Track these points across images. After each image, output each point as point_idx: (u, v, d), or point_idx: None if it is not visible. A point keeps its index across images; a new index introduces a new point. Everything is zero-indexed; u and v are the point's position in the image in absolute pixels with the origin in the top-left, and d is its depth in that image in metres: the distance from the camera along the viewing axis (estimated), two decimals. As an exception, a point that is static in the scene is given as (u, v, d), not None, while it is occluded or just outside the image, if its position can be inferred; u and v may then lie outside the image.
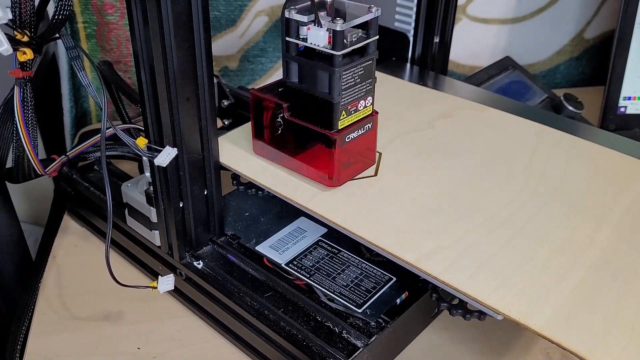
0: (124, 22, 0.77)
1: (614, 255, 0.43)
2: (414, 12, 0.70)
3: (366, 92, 0.48)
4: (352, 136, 0.48)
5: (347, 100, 0.46)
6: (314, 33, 0.44)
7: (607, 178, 0.51)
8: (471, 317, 0.44)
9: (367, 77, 0.47)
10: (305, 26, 0.45)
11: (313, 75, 0.46)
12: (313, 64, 0.46)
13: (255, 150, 0.53)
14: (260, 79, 0.87)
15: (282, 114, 0.49)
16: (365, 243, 0.45)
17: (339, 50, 0.44)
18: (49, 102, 0.79)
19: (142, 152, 0.45)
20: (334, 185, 0.49)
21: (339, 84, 0.45)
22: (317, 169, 0.49)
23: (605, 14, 0.93)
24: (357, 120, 0.48)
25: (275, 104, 0.49)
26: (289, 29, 0.46)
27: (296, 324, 0.45)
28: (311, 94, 0.47)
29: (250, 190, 0.58)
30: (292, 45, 0.46)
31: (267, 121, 0.50)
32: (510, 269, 0.41)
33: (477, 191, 0.49)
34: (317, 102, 0.46)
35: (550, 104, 0.78)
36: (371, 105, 0.49)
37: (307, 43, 0.45)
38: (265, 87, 0.51)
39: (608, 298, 0.39)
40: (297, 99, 0.48)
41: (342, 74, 0.45)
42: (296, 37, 0.46)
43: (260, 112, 0.50)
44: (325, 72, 0.45)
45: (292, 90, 0.48)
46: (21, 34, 0.45)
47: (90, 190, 0.60)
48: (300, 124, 0.48)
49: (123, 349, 0.50)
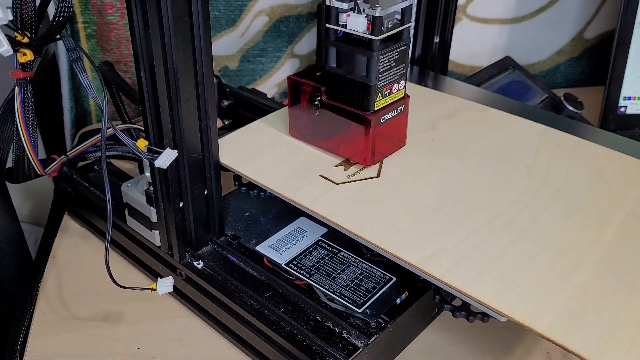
0: (124, 22, 0.77)
1: (618, 256, 0.43)
2: (413, 12, 0.70)
3: (400, 76, 0.51)
4: (387, 117, 0.51)
5: (383, 83, 0.49)
6: (353, 19, 0.47)
7: (611, 179, 0.51)
8: (474, 319, 0.44)
9: (401, 61, 0.50)
10: (344, 13, 0.48)
11: (351, 59, 0.49)
12: (352, 49, 0.49)
13: (291, 133, 0.56)
14: (260, 79, 0.87)
15: (320, 97, 0.51)
16: (368, 245, 0.45)
17: (377, 35, 0.47)
18: (49, 102, 0.79)
19: (143, 154, 0.45)
20: (370, 163, 0.51)
21: (376, 67, 0.48)
22: (354, 148, 0.51)
23: (605, 14, 0.92)
24: (391, 103, 0.51)
25: (313, 87, 0.52)
26: (329, 16, 0.48)
27: (296, 324, 0.45)
28: (349, 77, 0.49)
29: (252, 191, 0.58)
30: (331, 31, 0.49)
31: (306, 104, 0.53)
32: (514, 270, 0.41)
33: (480, 192, 0.49)
34: (354, 85, 0.49)
35: (550, 104, 0.78)
36: (404, 88, 0.52)
37: (346, 29, 0.48)
38: (302, 72, 0.54)
39: (612, 299, 0.39)
40: (335, 82, 0.51)
41: (379, 58, 0.48)
42: (336, 23, 0.49)
43: (298, 95, 0.53)
44: (364, 56, 0.48)
45: (330, 74, 0.51)
46: (22, 35, 0.45)
47: (90, 190, 0.60)
48: (338, 105, 0.51)
49: (123, 349, 0.50)
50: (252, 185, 0.56)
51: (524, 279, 0.41)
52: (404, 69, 0.51)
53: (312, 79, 0.52)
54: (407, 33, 0.50)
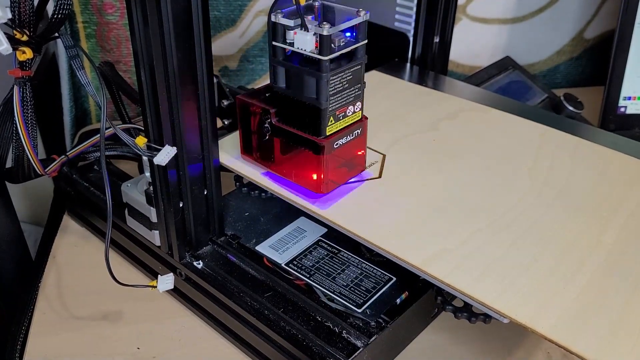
0: (124, 22, 0.77)
1: (620, 257, 0.43)
2: (414, 12, 0.70)
3: (355, 97, 0.47)
4: (341, 142, 0.47)
5: (335, 106, 0.45)
6: (300, 37, 0.43)
7: (613, 180, 0.51)
8: (477, 320, 0.44)
9: (355, 82, 0.46)
10: (292, 30, 0.44)
11: (300, 80, 0.45)
12: (300, 69, 0.45)
13: (242, 156, 0.52)
14: (260, 78, 0.87)
15: (270, 120, 0.48)
16: (370, 246, 0.45)
17: (326, 55, 0.43)
18: (48, 102, 0.79)
19: (142, 151, 0.45)
20: (322, 192, 0.48)
21: (326, 89, 0.44)
22: (305, 176, 0.48)
23: (605, 14, 0.93)
24: (346, 126, 0.47)
25: (262, 110, 0.48)
26: (275, 33, 0.45)
27: (296, 324, 0.45)
28: (298, 99, 0.46)
29: (253, 192, 0.58)
30: (279, 49, 0.45)
31: (255, 126, 0.49)
32: (516, 271, 0.41)
33: (482, 193, 0.49)
34: (304, 108, 0.45)
35: (550, 104, 0.78)
36: (360, 110, 0.48)
37: (294, 48, 0.44)
38: (252, 92, 0.50)
39: (615, 301, 0.39)
40: (285, 105, 0.47)
41: (329, 79, 0.44)
42: (283, 41, 0.45)
43: (247, 117, 0.50)
44: (313, 77, 0.44)
45: (279, 96, 0.47)
46: (20, 33, 0.45)
47: (90, 190, 0.60)
48: (288, 129, 0.47)
49: (123, 349, 0.50)
50: (253, 185, 0.56)
51: (526, 280, 0.40)
52: (359, 90, 0.47)
53: (262, 100, 0.49)
54: (362, 51, 0.45)
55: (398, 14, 0.72)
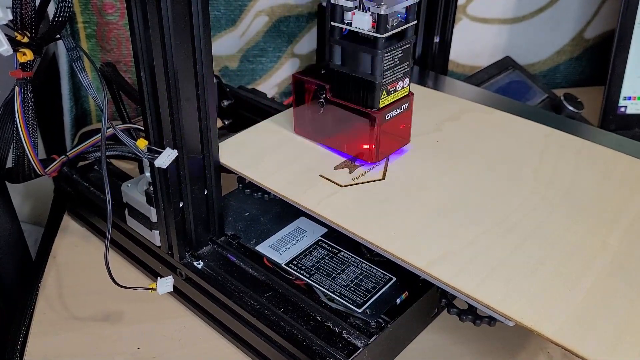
0: (124, 22, 0.77)
1: (626, 260, 0.42)
2: (414, 12, 0.70)
3: (404, 73, 0.51)
4: (391, 114, 0.51)
5: (387, 81, 0.49)
6: (359, 17, 0.47)
7: (617, 182, 0.51)
8: (481, 322, 0.44)
9: (405, 59, 0.50)
10: (350, 11, 0.48)
11: (356, 57, 0.49)
12: (357, 47, 0.48)
13: (296, 131, 0.56)
14: (260, 78, 0.87)
15: (325, 95, 0.51)
16: (375, 248, 0.44)
17: (382, 33, 0.47)
18: (49, 102, 0.79)
19: (143, 153, 0.45)
20: (375, 161, 0.51)
21: (381, 65, 0.48)
22: (358, 146, 0.51)
23: (605, 14, 0.92)
24: (396, 100, 0.51)
25: (317, 86, 0.52)
26: (334, 14, 0.49)
27: (296, 324, 0.45)
28: (354, 75, 0.49)
29: (256, 193, 0.58)
30: (336, 29, 0.49)
31: (309, 102, 0.53)
32: (521, 274, 0.41)
33: (486, 195, 0.49)
34: (359, 83, 0.49)
35: (550, 104, 0.78)
36: (408, 86, 0.52)
37: (352, 27, 0.48)
38: (306, 70, 0.54)
39: (621, 304, 0.39)
40: (340, 80, 0.51)
41: (384, 56, 0.48)
42: (341, 21, 0.49)
43: (302, 93, 0.53)
44: (369, 54, 0.48)
45: (334, 72, 0.51)
46: (21, 35, 0.45)
47: (90, 190, 0.60)
48: (343, 103, 0.51)
49: (123, 349, 0.50)
50: (256, 187, 0.56)
51: (532, 283, 0.40)
52: (408, 67, 0.51)
53: (317, 77, 0.52)
54: (411, 31, 0.50)
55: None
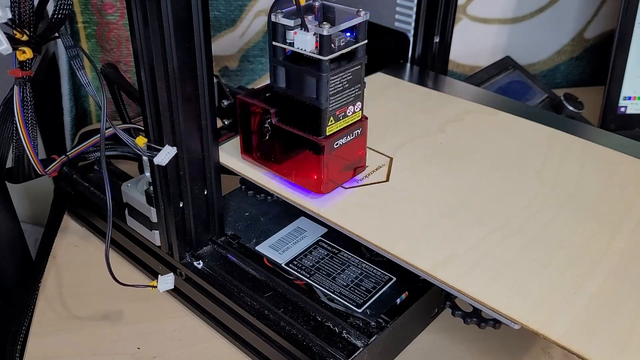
0: (124, 22, 0.77)
1: (631, 262, 0.42)
2: (414, 12, 0.70)
3: (355, 97, 0.47)
4: (341, 142, 0.47)
5: (335, 106, 0.45)
6: (300, 37, 0.43)
7: (622, 183, 0.50)
8: (486, 325, 0.44)
9: (355, 82, 0.46)
10: (292, 30, 0.44)
11: (300, 80, 0.45)
12: (300, 69, 0.45)
13: (242, 156, 0.52)
14: (260, 78, 0.87)
15: (270, 120, 0.48)
16: (379, 250, 0.44)
17: (326, 55, 0.43)
18: (49, 102, 0.79)
19: (142, 151, 0.45)
20: (322, 192, 0.48)
21: (326, 89, 0.44)
22: (305, 176, 0.48)
23: (605, 14, 0.93)
24: (346, 126, 0.47)
25: (262, 110, 0.48)
26: (275, 33, 0.45)
27: (296, 324, 0.45)
28: (298, 99, 0.46)
29: (259, 195, 0.58)
30: (279, 49, 0.45)
31: (255, 126, 0.49)
32: (527, 276, 0.41)
33: (490, 197, 0.48)
34: (304, 108, 0.45)
35: (551, 104, 0.78)
36: (360, 110, 0.48)
37: (294, 48, 0.44)
38: (252, 92, 0.50)
39: (627, 306, 0.39)
40: (285, 105, 0.47)
41: (329, 79, 0.44)
42: (283, 41, 0.45)
43: (247, 117, 0.50)
44: (313, 77, 0.44)
45: (279, 96, 0.47)
46: (20, 33, 0.45)
47: (90, 190, 0.60)
48: (289, 130, 0.47)
49: (123, 349, 0.50)
50: (259, 188, 0.55)
51: (537, 286, 0.40)
52: (360, 90, 0.47)
53: (262, 100, 0.48)
54: (362, 51, 0.45)
55: (398, 14, 0.72)
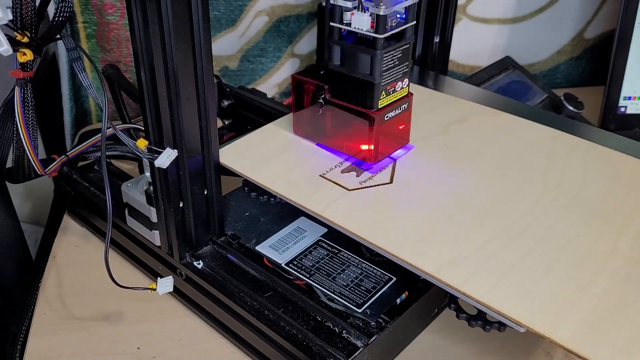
0: (124, 22, 0.77)
1: (637, 264, 0.42)
2: (414, 12, 0.70)
3: (403, 74, 0.51)
4: (390, 115, 0.51)
5: (387, 81, 0.49)
6: (357, 18, 0.47)
7: (626, 185, 0.50)
8: (491, 328, 0.44)
9: (404, 60, 0.50)
10: (349, 11, 0.48)
11: (355, 58, 0.49)
12: (356, 47, 0.49)
13: (295, 131, 0.56)
14: (260, 78, 0.87)
15: (324, 95, 0.52)
16: (384, 253, 0.44)
17: (381, 34, 0.47)
18: (49, 102, 0.79)
19: (142, 153, 0.45)
20: (374, 161, 0.51)
21: (380, 65, 0.48)
22: (357, 147, 0.51)
23: (605, 14, 0.92)
24: (395, 101, 0.51)
25: (316, 86, 0.52)
26: (333, 15, 0.48)
27: (296, 323, 0.45)
28: (353, 75, 0.49)
29: (262, 196, 0.58)
30: (335, 30, 0.49)
31: (309, 103, 0.53)
32: (532, 279, 0.41)
33: (494, 199, 0.48)
34: (358, 83, 0.49)
35: (551, 104, 0.78)
36: (407, 86, 0.52)
37: (351, 28, 0.48)
38: (306, 70, 0.54)
39: (634, 309, 0.38)
40: (339, 81, 0.51)
41: (383, 56, 0.48)
42: (340, 22, 0.49)
43: (301, 94, 0.53)
44: (368, 54, 0.48)
45: (334, 73, 0.51)
46: (21, 35, 0.45)
47: (90, 190, 0.60)
48: (342, 104, 0.51)
49: (123, 349, 0.50)
50: (262, 190, 0.55)
51: (543, 289, 0.40)
52: (407, 67, 0.51)
53: (316, 78, 0.52)
54: (410, 31, 0.49)
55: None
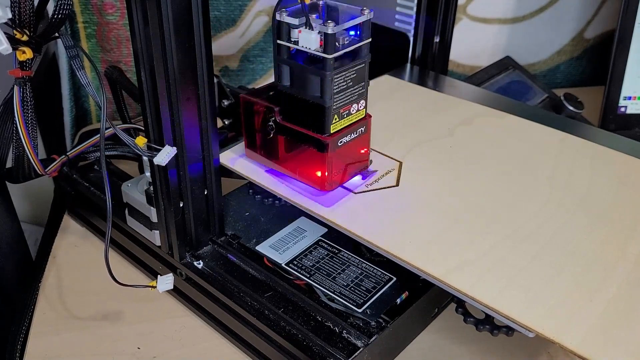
0: (124, 22, 0.77)
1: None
2: (414, 12, 0.70)
3: (359, 95, 0.47)
4: (345, 140, 0.47)
5: (339, 104, 0.46)
6: (305, 36, 0.43)
7: (634, 188, 0.50)
8: (499, 332, 0.43)
9: (359, 80, 0.47)
10: (296, 29, 0.44)
11: (304, 78, 0.46)
12: (304, 68, 0.45)
13: (247, 154, 0.53)
14: (260, 78, 0.87)
15: (274, 118, 0.48)
16: (390, 256, 0.44)
17: (330, 53, 0.43)
18: (49, 102, 0.79)
19: (142, 151, 0.45)
20: (327, 189, 0.48)
21: (330, 87, 0.44)
22: (310, 173, 0.48)
23: (605, 14, 0.93)
24: (350, 124, 0.48)
25: (266, 108, 0.49)
26: (280, 32, 0.45)
27: (296, 323, 0.45)
28: (303, 97, 0.46)
29: (267, 199, 0.58)
30: (283, 48, 0.46)
31: (259, 125, 0.50)
32: (540, 284, 0.40)
33: (501, 202, 0.48)
34: (308, 106, 0.46)
35: (551, 104, 0.78)
36: (364, 108, 0.48)
37: (298, 46, 0.44)
38: (255, 91, 0.50)
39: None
40: (289, 103, 0.47)
41: (333, 78, 0.44)
42: (287, 40, 0.45)
43: (251, 116, 0.50)
44: (317, 75, 0.44)
45: (283, 94, 0.48)
46: (20, 33, 0.45)
47: (90, 190, 0.60)
48: (292, 128, 0.48)
49: (123, 349, 0.50)
50: (267, 193, 0.54)
51: (551, 293, 0.39)
52: (363, 88, 0.47)
53: (266, 99, 0.49)
54: (365, 49, 0.46)
55: (398, 14, 0.72)
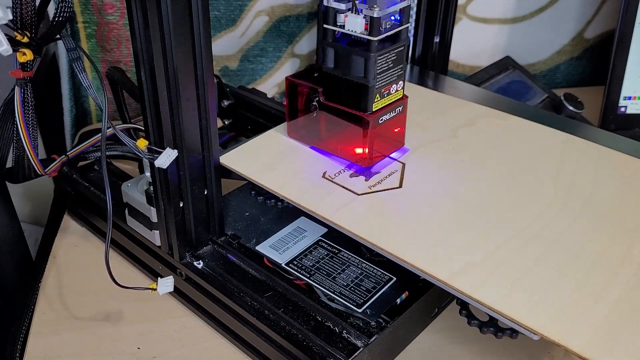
0: (124, 22, 0.77)
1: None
2: (414, 12, 0.70)
3: (398, 76, 0.50)
4: (385, 118, 0.51)
5: (381, 84, 0.49)
6: (351, 20, 0.47)
7: (638, 189, 0.50)
8: (503, 335, 0.43)
9: (399, 62, 0.50)
10: (342, 13, 0.48)
11: (349, 60, 0.49)
12: (350, 50, 0.48)
13: (289, 134, 0.56)
14: (260, 78, 0.87)
15: (318, 98, 0.51)
16: (393, 258, 0.44)
17: (375, 36, 0.46)
18: (49, 102, 0.79)
19: (143, 153, 0.45)
20: (368, 165, 0.51)
21: (374, 68, 0.48)
22: (351, 150, 0.51)
23: (605, 14, 0.92)
24: (390, 103, 0.51)
25: (310, 89, 0.52)
26: (327, 16, 0.48)
27: (296, 323, 0.45)
28: (347, 78, 0.49)
29: (269, 200, 0.58)
30: (329, 32, 0.49)
31: (302, 105, 0.53)
32: (545, 286, 0.40)
33: (505, 203, 0.48)
34: (352, 86, 0.49)
35: (551, 104, 0.78)
36: (402, 89, 0.52)
37: (344, 30, 0.48)
38: (300, 73, 0.54)
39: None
40: (333, 84, 0.51)
41: (377, 59, 0.47)
42: (334, 24, 0.48)
43: (295, 96, 0.53)
44: (362, 57, 0.48)
45: (327, 75, 0.51)
46: (21, 35, 0.45)
47: (90, 190, 0.60)
48: (336, 107, 0.51)
49: (123, 349, 0.50)
50: (269, 194, 0.54)
51: (556, 295, 0.39)
52: (402, 70, 0.50)
53: (310, 80, 0.52)
54: (405, 33, 0.49)
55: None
